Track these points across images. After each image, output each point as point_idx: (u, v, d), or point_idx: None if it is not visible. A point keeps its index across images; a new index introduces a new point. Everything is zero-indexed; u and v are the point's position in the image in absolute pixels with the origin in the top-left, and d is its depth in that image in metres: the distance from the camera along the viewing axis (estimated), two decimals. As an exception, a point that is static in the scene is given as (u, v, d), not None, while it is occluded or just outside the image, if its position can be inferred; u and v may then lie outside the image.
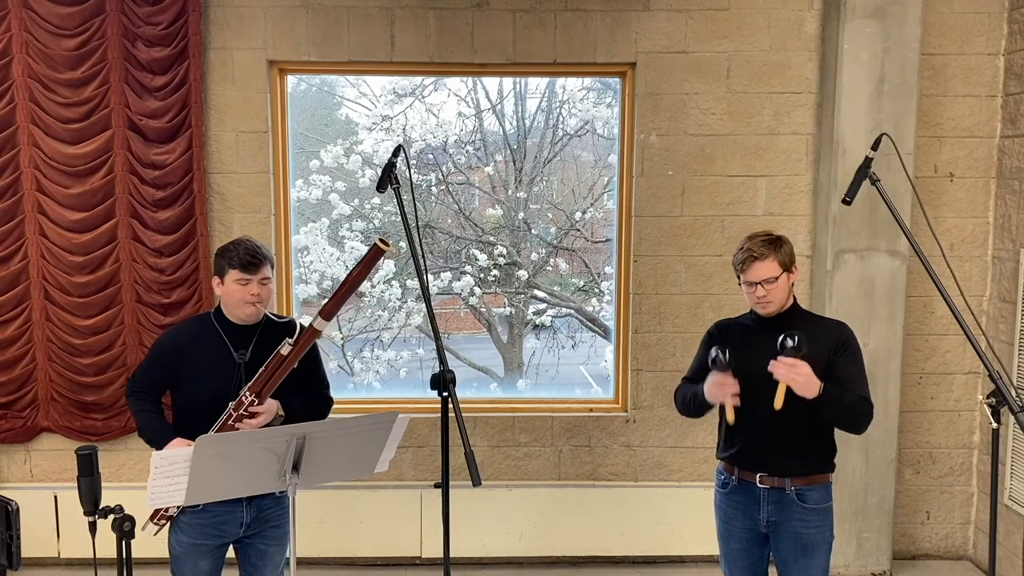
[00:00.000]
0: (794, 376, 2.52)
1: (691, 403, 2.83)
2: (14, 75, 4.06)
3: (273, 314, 2.73)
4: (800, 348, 2.51)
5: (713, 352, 2.64)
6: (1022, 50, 4.13)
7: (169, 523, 2.70)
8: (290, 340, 2.59)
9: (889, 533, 4.31)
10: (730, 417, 2.67)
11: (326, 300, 2.62)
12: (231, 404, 2.60)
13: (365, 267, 2.56)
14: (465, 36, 4.23)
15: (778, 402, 2.55)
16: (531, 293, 5.50)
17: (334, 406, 2.94)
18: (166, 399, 2.78)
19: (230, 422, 2.58)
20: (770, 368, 2.55)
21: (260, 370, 2.60)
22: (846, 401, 2.60)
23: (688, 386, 2.88)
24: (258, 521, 2.74)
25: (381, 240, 2.49)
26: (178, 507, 2.63)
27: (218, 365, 2.66)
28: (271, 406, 2.64)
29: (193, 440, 2.51)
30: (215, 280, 2.69)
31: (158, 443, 2.64)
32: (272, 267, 2.70)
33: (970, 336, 2.40)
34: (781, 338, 2.54)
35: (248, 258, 2.61)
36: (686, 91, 4.27)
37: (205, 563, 2.71)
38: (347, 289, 2.59)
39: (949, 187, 4.34)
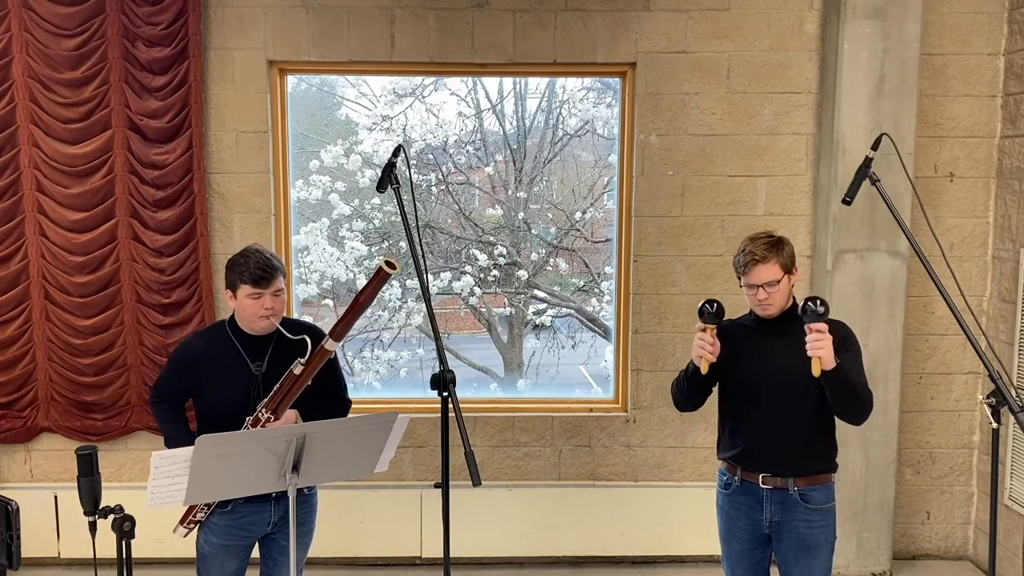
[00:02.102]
0: (823, 344, 2.46)
1: (683, 381, 2.78)
2: (14, 75, 4.06)
3: (286, 320, 2.71)
4: (827, 312, 2.48)
5: (702, 304, 2.63)
6: (1022, 50, 4.13)
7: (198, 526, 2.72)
8: (302, 360, 2.58)
9: (889, 533, 4.31)
10: (703, 368, 2.64)
11: (336, 322, 2.59)
12: (248, 419, 2.60)
13: (373, 290, 2.54)
14: (465, 36, 4.23)
15: (816, 370, 2.49)
16: (531, 293, 5.50)
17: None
18: (191, 407, 2.81)
19: None
20: (807, 332, 2.49)
21: (275, 388, 2.60)
22: (855, 381, 2.58)
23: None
24: (285, 519, 2.75)
25: (387, 262, 2.47)
26: (207, 508, 2.66)
27: (234, 376, 2.67)
28: (289, 417, 2.65)
29: None
30: (228, 294, 2.68)
31: None
32: (284, 277, 2.68)
33: (970, 336, 2.40)
34: (804, 302, 2.50)
35: (259, 272, 2.59)
36: (686, 91, 4.27)
37: (232, 564, 2.73)
38: (355, 312, 2.58)
39: (949, 187, 4.34)
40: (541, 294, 5.54)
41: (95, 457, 2.54)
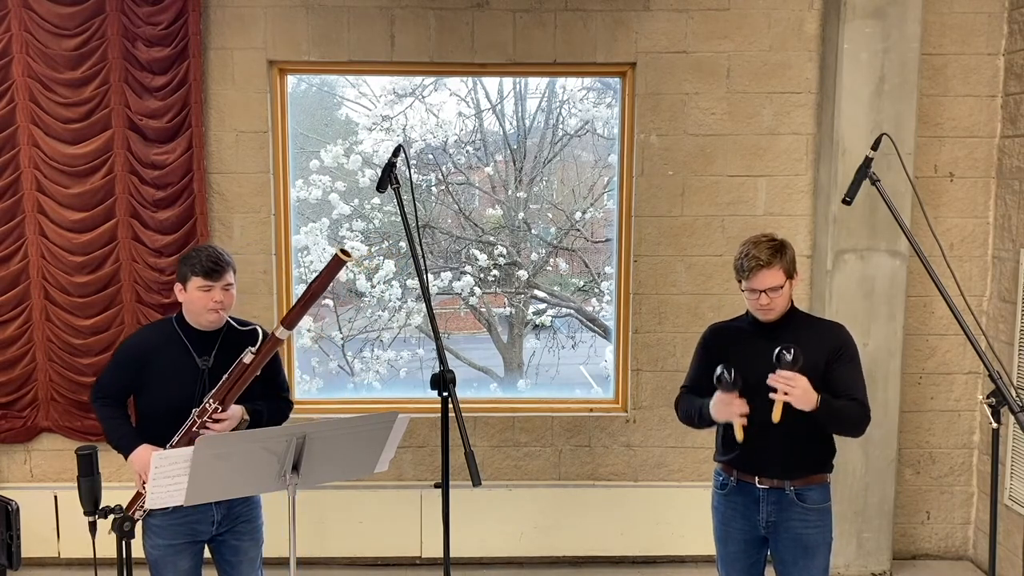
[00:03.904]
0: (791, 390, 2.50)
1: (695, 418, 2.79)
2: (14, 75, 4.06)
3: (234, 319, 2.73)
4: (797, 361, 2.48)
5: (719, 370, 2.58)
6: (1022, 50, 4.13)
7: (141, 525, 2.68)
8: (252, 349, 2.60)
9: (889, 533, 4.31)
10: (739, 436, 2.62)
11: (289, 310, 2.63)
12: (195, 411, 2.60)
13: (326, 277, 2.55)
14: (465, 36, 4.23)
15: (776, 415, 2.54)
16: (531, 293, 5.50)
17: (334, 406, 2.94)
18: (130, 403, 2.79)
19: (195, 428, 2.57)
20: (768, 382, 2.53)
21: (224, 378, 2.61)
22: (843, 410, 2.60)
23: (690, 398, 2.83)
24: (229, 519, 2.75)
25: (342, 251, 2.50)
26: (144, 509, 2.60)
27: (181, 371, 2.66)
28: (235, 412, 2.65)
29: (159, 445, 2.54)
30: (177, 287, 2.68)
31: (125, 450, 2.66)
32: (235, 273, 2.70)
33: (970, 336, 2.40)
34: (777, 351, 2.51)
35: (211, 265, 2.61)
36: (686, 91, 4.27)
37: (185, 562, 2.71)
38: (308, 299, 2.60)
39: (949, 187, 4.34)
40: (541, 294, 5.54)
41: (95, 457, 2.55)
